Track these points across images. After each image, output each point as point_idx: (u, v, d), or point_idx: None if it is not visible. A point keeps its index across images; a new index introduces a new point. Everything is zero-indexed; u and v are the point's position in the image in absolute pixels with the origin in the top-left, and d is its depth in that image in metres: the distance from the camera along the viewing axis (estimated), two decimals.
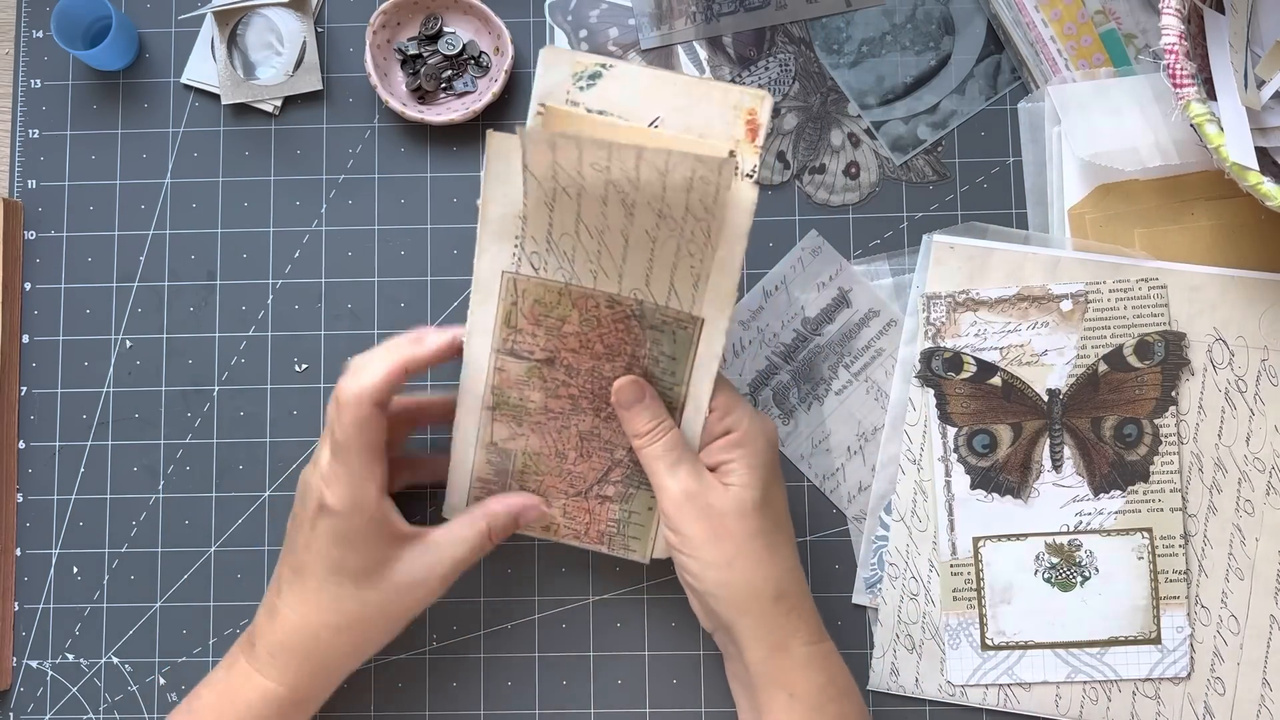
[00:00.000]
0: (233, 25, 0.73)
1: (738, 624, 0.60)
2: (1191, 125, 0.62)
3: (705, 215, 0.57)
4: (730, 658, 0.63)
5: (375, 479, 0.59)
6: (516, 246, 0.60)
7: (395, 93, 0.72)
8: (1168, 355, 0.68)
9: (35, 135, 0.73)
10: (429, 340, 0.61)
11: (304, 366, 0.71)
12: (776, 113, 0.72)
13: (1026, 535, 0.68)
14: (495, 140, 0.58)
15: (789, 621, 0.60)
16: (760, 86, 0.71)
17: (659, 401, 0.62)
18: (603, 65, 0.59)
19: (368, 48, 0.70)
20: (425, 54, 0.72)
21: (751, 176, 0.58)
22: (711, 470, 0.61)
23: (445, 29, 0.72)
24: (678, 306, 0.61)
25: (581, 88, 0.59)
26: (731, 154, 0.58)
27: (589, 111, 0.59)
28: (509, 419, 0.64)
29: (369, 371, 0.58)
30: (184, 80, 0.73)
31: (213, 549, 0.71)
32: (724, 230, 0.58)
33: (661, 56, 0.72)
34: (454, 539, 0.62)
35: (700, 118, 0.59)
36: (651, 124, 0.59)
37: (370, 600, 0.60)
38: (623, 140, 0.55)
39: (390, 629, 0.62)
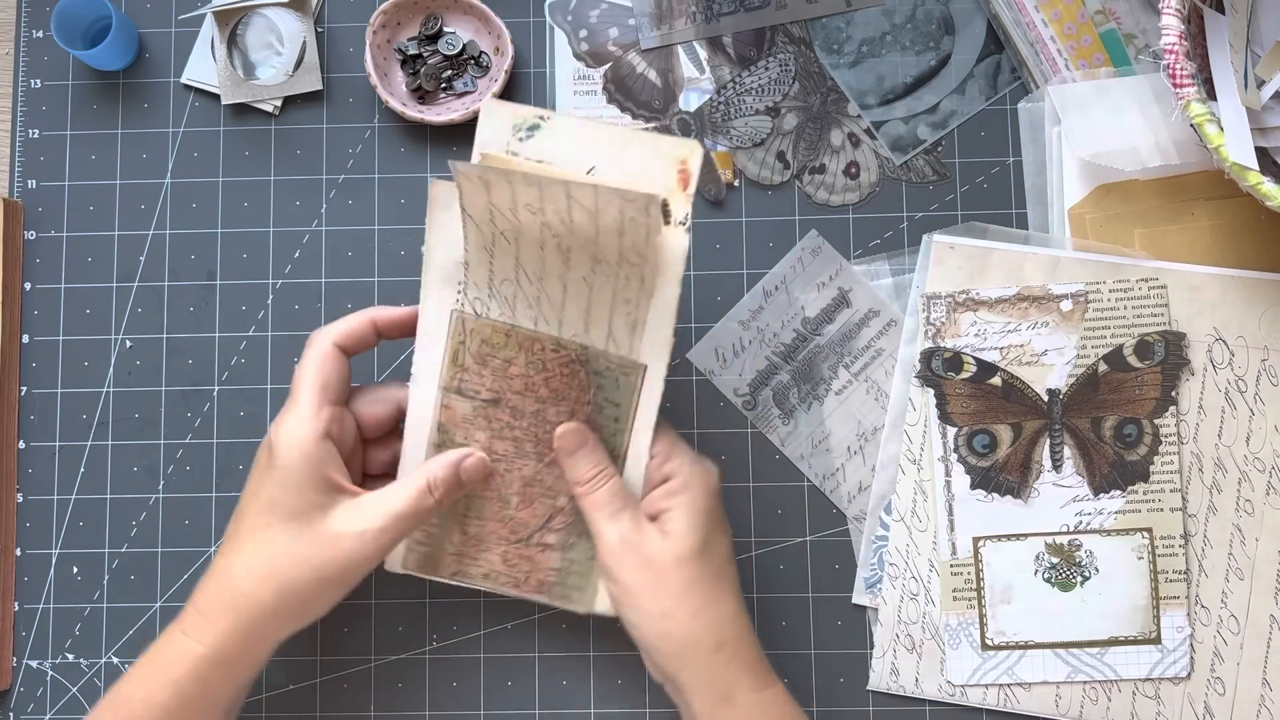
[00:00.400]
0: (233, 25, 0.73)
1: (680, 676, 0.59)
2: (1191, 125, 0.62)
3: (639, 260, 0.59)
4: (681, 708, 0.62)
5: (320, 420, 0.59)
6: (459, 293, 0.62)
7: (395, 93, 0.72)
8: (1168, 355, 0.68)
9: (35, 135, 0.73)
10: (400, 308, 0.64)
11: None
12: (776, 112, 0.72)
13: (1026, 535, 0.68)
14: (438, 187, 0.60)
15: (730, 671, 0.59)
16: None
17: (601, 449, 0.62)
18: (541, 118, 0.60)
19: (368, 48, 0.70)
20: (425, 54, 0.72)
21: (684, 224, 0.59)
22: (652, 519, 0.61)
23: (445, 29, 0.72)
24: (617, 352, 0.62)
25: (521, 139, 0.60)
26: (665, 202, 0.59)
27: (527, 160, 0.60)
28: None
29: (338, 320, 0.62)
30: (184, 80, 0.73)
31: (212, 549, 0.70)
32: (658, 276, 0.60)
33: (661, 56, 0.72)
34: (390, 491, 0.60)
35: (635, 167, 0.60)
36: (587, 172, 0.60)
37: (299, 551, 0.58)
38: (549, 178, 0.56)
39: (321, 591, 0.59)
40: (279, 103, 0.73)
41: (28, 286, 0.72)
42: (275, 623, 0.59)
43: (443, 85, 0.72)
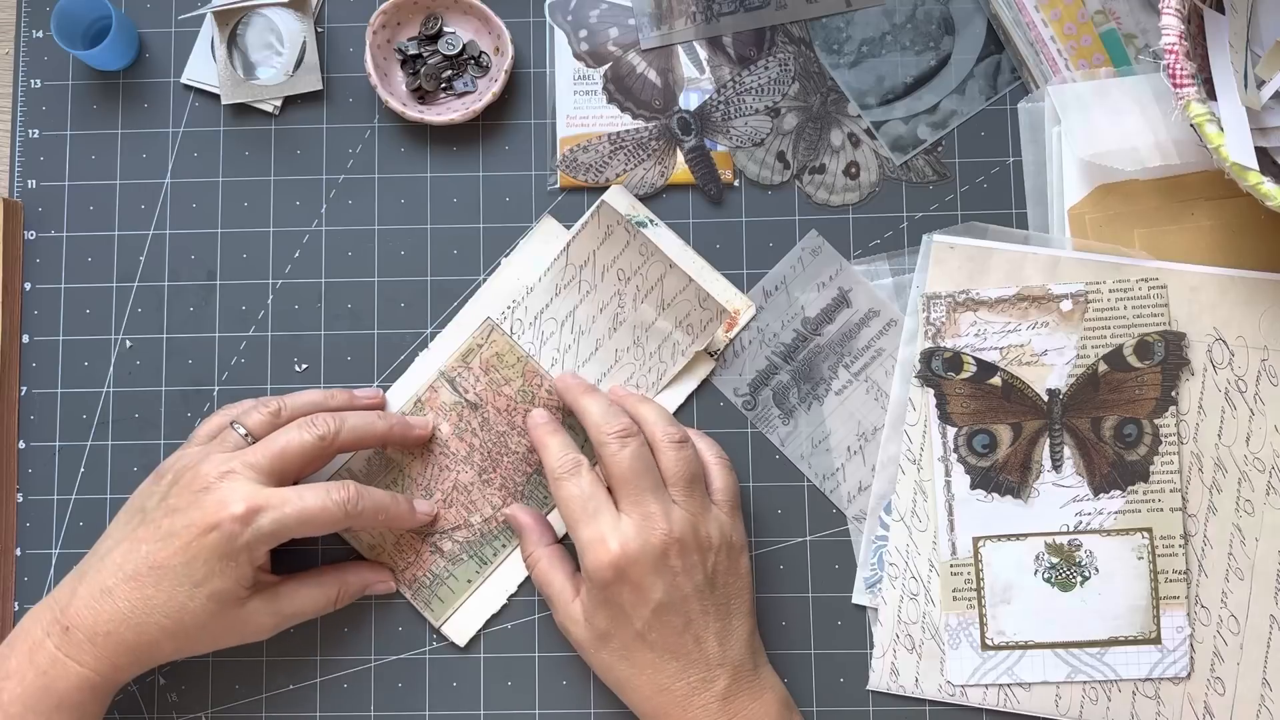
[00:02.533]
0: (233, 25, 0.73)
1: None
2: (1191, 125, 0.62)
3: (669, 360, 0.68)
4: None
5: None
6: (507, 308, 0.70)
7: (395, 93, 0.72)
8: (1168, 355, 0.68)
9: (35, 135, 0.73)
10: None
11: (304, 366, 0.71)
12: (776, 112, 0.72)
13: (1026, 535, 0.68)
14: (548, 224, 0.70)
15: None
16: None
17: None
18: (651, 220, 0.70)
19: (368, 48, 0.70)
20: (425, 54, 0.72)
21: (714, 355, 0.69)
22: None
23: (445, 29, 0.72)
24: None
25: (630, 225, 0.69)
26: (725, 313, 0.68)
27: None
28: None
29: (369, 498, 0.64)
30: (184, 80, 0.73)
31: None
32: (673, 382, 0.69)
33: (661, 56, 0.72)
34: (304, 596, 0.65)
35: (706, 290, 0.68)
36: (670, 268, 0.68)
37: (211, 624, 0.61)
38: (662, 253, 0.67)
39: (211, 648, 0.64)
40: (279, 103, 0.73)
41: (28, 286, 0.72)
42: (165, 660, 0.63)
43: (443, 85, 0.72)
